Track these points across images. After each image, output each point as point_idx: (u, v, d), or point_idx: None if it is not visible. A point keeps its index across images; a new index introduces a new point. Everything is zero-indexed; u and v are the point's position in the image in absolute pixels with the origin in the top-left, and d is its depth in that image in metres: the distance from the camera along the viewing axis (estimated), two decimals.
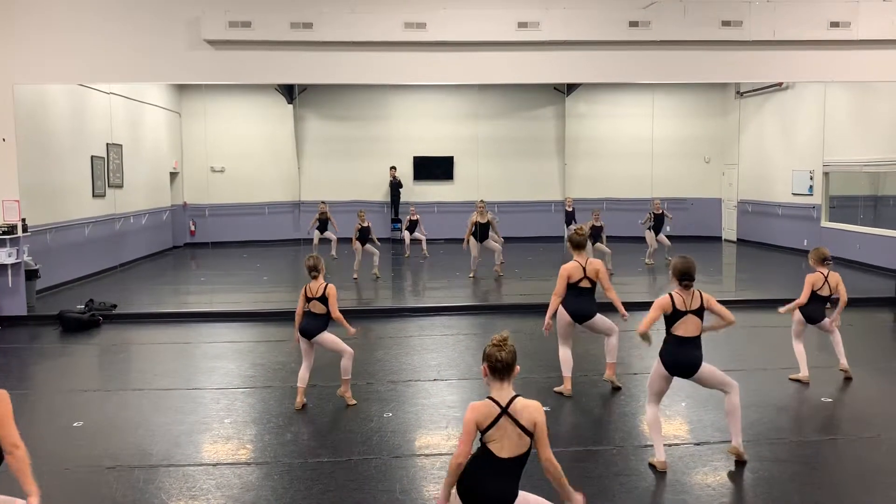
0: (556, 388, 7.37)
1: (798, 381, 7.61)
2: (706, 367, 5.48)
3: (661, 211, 15.98)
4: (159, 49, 11.06)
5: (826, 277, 7.52)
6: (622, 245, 17.36)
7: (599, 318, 7.34)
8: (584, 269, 7.16)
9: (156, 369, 8.62)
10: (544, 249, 18.59)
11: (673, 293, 5.42)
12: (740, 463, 5.53)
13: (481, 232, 14.18)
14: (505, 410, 3.52)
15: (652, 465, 5.51)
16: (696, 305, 5.40)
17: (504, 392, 3.58)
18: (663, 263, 15.72)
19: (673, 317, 5.42)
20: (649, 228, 16.07)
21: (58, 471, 5.51)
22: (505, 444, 3.53)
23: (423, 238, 17.36)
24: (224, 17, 10.82)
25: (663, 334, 5.53)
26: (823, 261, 7.60)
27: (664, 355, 5.50)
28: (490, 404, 3.55)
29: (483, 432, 3.53)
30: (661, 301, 5.43)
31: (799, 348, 7.72)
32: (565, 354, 7.34)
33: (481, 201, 14.59)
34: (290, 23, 10.88)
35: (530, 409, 3.57)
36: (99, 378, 8.55)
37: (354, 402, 7.05)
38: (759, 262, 16.79)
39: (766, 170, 19.12)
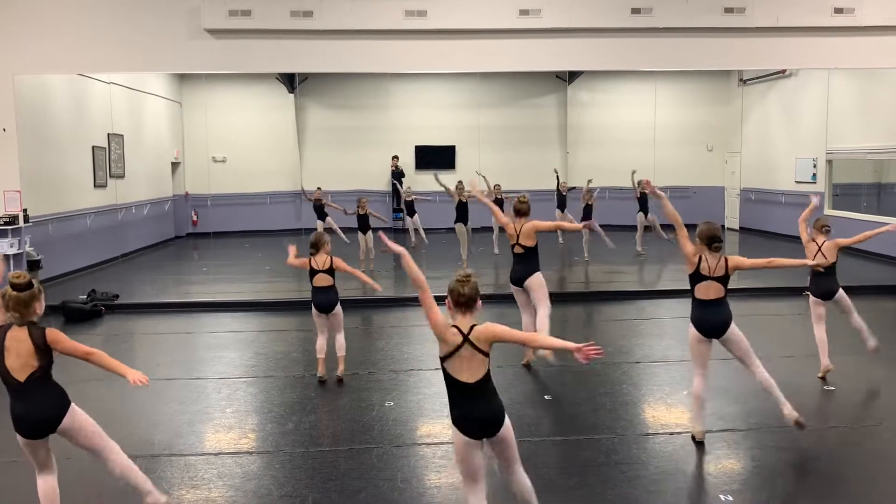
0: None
1: (823, 377, 7.26)
2: (736, 331, 5.56)
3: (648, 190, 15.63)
4: (160, 38, 11.02)
5: (820, 247, 7.17)
6: (623, 234, 17.32)
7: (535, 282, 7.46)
8: (518, 234, 7.48)
9: (158, 359, 8.63)
10: (545, 238, 18.51)
11: (703, 255, 5.47)
12: (798, 426, 5.50)
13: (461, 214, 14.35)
14: (466, 338, 3.72)
15: (692, 437, 5.74)
16: (719, 273, 5.46)
17: (466, 322, 3.77)
18: (654, 253, 15.69)
19: (695, 278, 5.52)
20: (639, 211, 15.72)
21: (60, 460, 5.50)
22: (466, 371, 3.73)
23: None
24: (224, 6, 10.78)
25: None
26: (822, 228, 7.24)
27: (693, 318, 5.60)
28: (454, 331, 3.74)
29: (444, 359, 3.75)
30: (693, 253, 5.49)
31: (820, 334, 7.32)
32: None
33: (459, 182, 14.72)
34: (290, 11, 10.84)
35: (484, 331, 3.73)
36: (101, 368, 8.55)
37: (344, 377, 7.38)
38: (762, 250, 16.70)
39: (769, 158, 19.04)
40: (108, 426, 6.29)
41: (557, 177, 17.17)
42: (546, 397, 6.94)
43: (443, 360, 3.76)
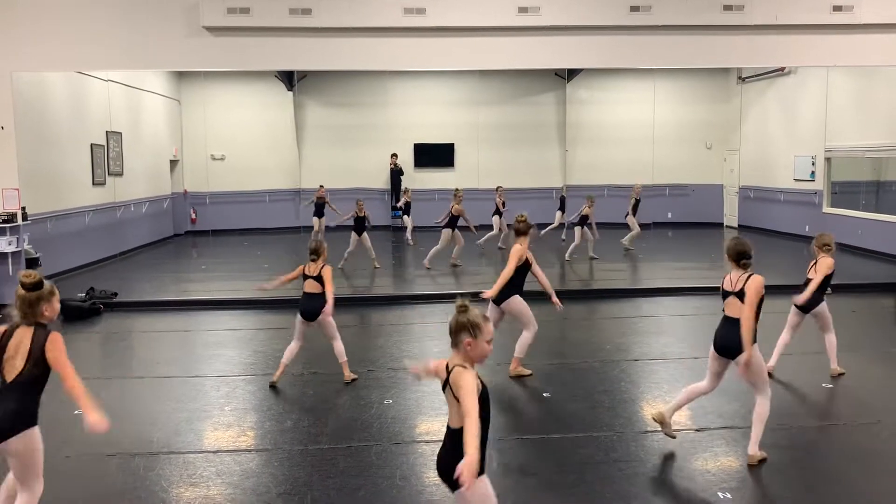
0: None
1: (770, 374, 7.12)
2: (756, 360, 5.24)
3: (639, 196, 16.07)
4: (158, 36, 11.00)
5: (816, 262, 7.15)
6: (623, 232, 17.31)
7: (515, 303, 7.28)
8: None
9: (156, 357, 8.63)
10: (544, 237, 18.53)
11: (728, 275, 5.40)
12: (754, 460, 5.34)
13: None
14: (447, 376, 3.31)
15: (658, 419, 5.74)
16: (738, 288, 5.27)
17: (453, 359, 3.36)
18: (652, 251, 15.70)
19: (722, 296, 5.44)
20: (631, 212, 15.98)
21: (58, 458, 5.52)
22: (451, 413, 3.34)
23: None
24: (223, 4, 10.75)
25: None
26: (823, 247, 7.22)
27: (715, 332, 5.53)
28: (442, 366, 3.39)
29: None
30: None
31: (783, 338, 7.40)
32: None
33: (457, 189, 14.77)
34: (288, 9, 10.81)
35: (458, 379, 3.24)
36: (100, 366, 8.55)
37: (355, 376, 7.37)
38: (761, 248, 16.66)
39: (767, 156, 19.05)
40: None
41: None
42: (545, 395, 6.95)
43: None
